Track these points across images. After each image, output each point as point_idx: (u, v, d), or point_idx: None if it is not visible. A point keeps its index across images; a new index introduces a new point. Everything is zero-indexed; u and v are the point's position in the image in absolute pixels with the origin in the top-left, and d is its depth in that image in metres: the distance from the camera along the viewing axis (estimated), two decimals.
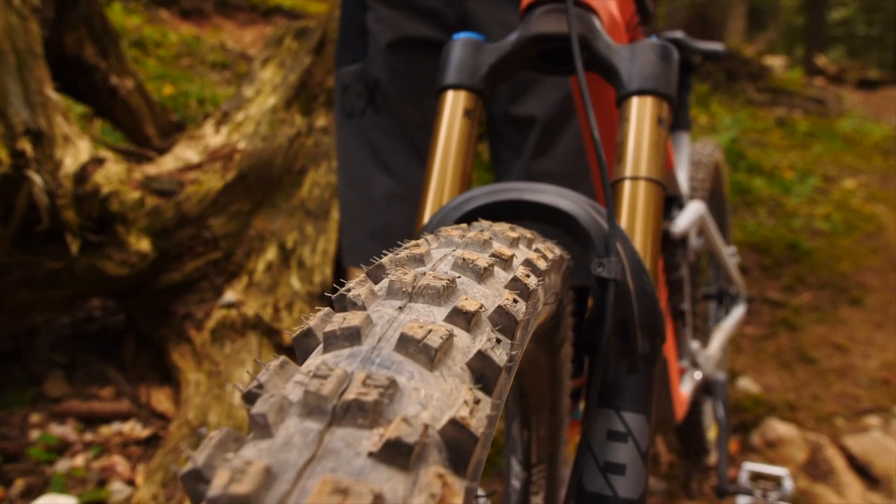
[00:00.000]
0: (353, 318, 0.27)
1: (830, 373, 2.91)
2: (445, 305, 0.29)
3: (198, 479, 0.22)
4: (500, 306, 0.29)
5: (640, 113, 0.60)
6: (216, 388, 1.50)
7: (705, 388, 1.58)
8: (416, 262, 0.33)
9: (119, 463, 1.41)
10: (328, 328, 0.27)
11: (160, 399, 1.73)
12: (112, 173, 1.72)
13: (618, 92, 0.62)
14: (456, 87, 0.65)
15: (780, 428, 2.09)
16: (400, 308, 0.29)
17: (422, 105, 1.16)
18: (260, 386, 0.24)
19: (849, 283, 3.71)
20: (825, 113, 7.62)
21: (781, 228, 4.18)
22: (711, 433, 1.86)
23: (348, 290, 0.31)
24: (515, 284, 0.31)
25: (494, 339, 0.27)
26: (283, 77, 2.36)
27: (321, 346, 0.27)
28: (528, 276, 0.33)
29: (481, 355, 0.26)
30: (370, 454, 0.21)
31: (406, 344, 0.26)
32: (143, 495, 1.21)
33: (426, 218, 0.63)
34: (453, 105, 0.65)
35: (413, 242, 0.38)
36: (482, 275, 0.32)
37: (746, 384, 2.55)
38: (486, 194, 0.54)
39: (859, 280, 3.73)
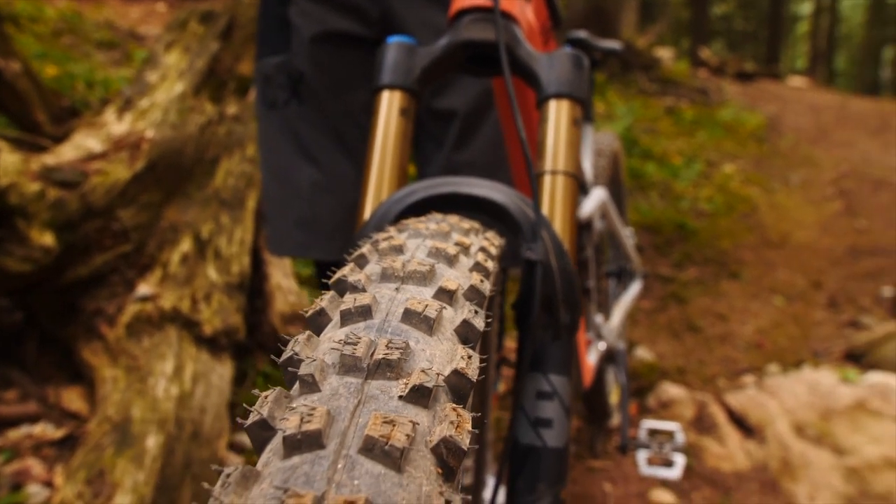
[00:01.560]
0: (363, 298, 0.33)
1: (713, 339, 3.22)
2: (431, 286, 0.36)
3: (264, 428, 0.27)
4: (472, 285, 0.36)
5: (558, 114, 0.68)
6: (137, 382, 1.47)
7: (608, 357, 1.73)
8: (397, 251, 0.39)
9: (34, 465, 1.36)
10: (343, 307, 0.33)
11: (72, 398, 1.67)
12: (8, 164, 1.62)
13: (538, 95, 0.70)
14: (391, 87, 0.70)
15: (671, 390, 2.31)
16: (396, 289, 0.35)
17: (346, 98, 1.20)
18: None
19: (728, 258, 4.08)
20: (708, 102, 8.22)
21: (671, 210, 4.53)
22: (613, 398, 2.03)
23: (346, 277, 0.37)
24: (478, 268, 0.38)
25: (473, 311, 0.34)
26: (189, 62, 2.29)
27: (337, 321, 0.33)
28: (486, 260, 0.39)
29: (466, 323, 0.33)
30: (400, 397, 0.27)
31: (410, 316, 0.32)
32: (67, 494, 1.18)
33: (367, 211, 0.68)
34: (389, 104, 0.70)
35: (386, 234, 0.44)
36: (452, 260, 0.38)
37: (642, 353, 2.78)
38: (426, 188, 0.60)
39: (737, 256, 4.12)
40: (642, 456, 1.49)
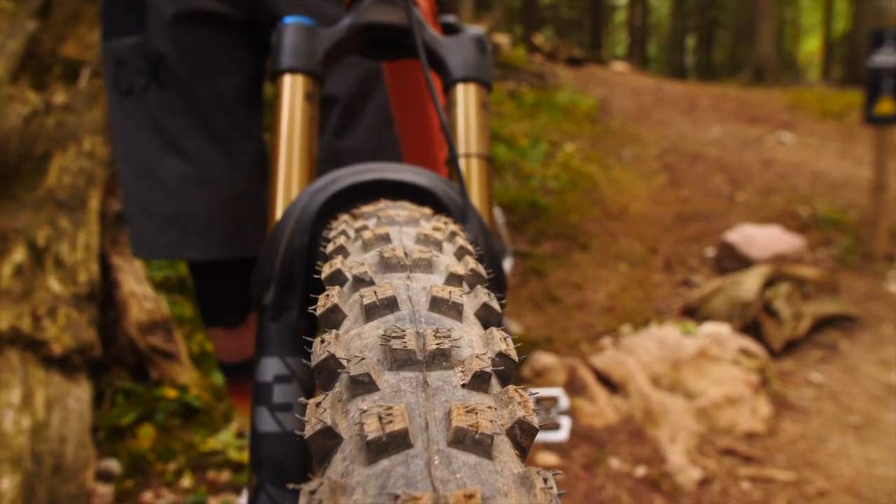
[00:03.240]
0: (385, 290, 0.31)
1: (572, 307, 3.46)
2: (437, 273, 0.34)
3: (328, 436, 0.24)
4: (472, 269, 0.35)
5: (466, 98, 0.69)
6: None
7: None
8: (384, 240, 0.37)
9: None
10: (366, 301, 0.30)
11: None
12: None
13: (444, 79, 0.70)
14: (293, 70, 0.66)
15: (543, 358, 2.45)
16: (408, 278, 0.33)
17: (215, 82, 1.11)
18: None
19: (577, 231, 4.40)
20: (545, 86, 8.72)
21: (523, 189, 4.77)
22: None
23: (343, 269, 0.34)
24: (465, 251, 0.37)
25: (486, 293, 0.33)
26: (0, 44, 1.99)
27: (357, 316, 0.31)
28: (464, 244, 0.39)
29: (486, 306, 0.32)
30: (463, 385, 0.26)
31: (438, 304, 0.31)
32: None
33: (279, 204, 0.64)
34: (292, 89, 0.66)
35: (358, 223, 0.41)
36: (441, 246, 0.37)
37: (512, 326, 2.92)
38: (350, 175, 0.58)
39: (584, 229, 4.45)
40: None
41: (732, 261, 3.63)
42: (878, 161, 3.88)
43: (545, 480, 0.23)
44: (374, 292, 0.30)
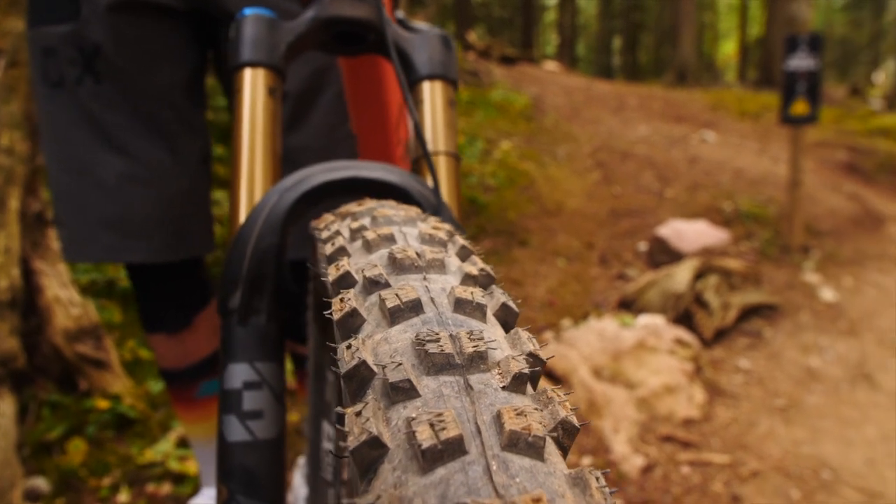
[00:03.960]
0: (407, 292, 0.30)
1: None
2: (452, 274, 0.33)
3: (374, 447, 0.24)
4: (481, 268, 0.34)
5: (433, 96, 0.68)
6: None
7: None
8: (388, 240, 0.36)
9: None
10: (390, 303, 0.29)
11: None
12: None
13: (410, 76, 0.69)
14: (254, 64, 0.64)
15: None
16: (424, 279, 0.32)
17: (157, 75, 1.06)
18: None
19: (516, 228, 4.46)
20: (480, 84, 8.79)
21: (463, 187, 4.80)
22: None
23: (353, 271, 0.33)
24: (467, 250, 0.37)
25: (503, 293, 0.32)
26: None
27: (379, 319, 0.29)
28: (464, 244, 0.38)
29: (505, 306, 0.31)
30: (504, 388, 0.26)
31: (462, 305, 0.30)
32: None
33: (242, 203, 0.61)
34: (254, 83, 0.64)
35: (356, 222, 0.40)
36: (445, 245, 0.36)
37: None
38: (322, 172, 0.56)
39: (523, 225, 4.52)
40: None
41: (664, 254, 3.78)
42: (793, 159, 4.12)
43: (597, 479, 0.23)
44: (397, 295, 0.29)
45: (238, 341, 0.56)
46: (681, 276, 3.10)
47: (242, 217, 0.61)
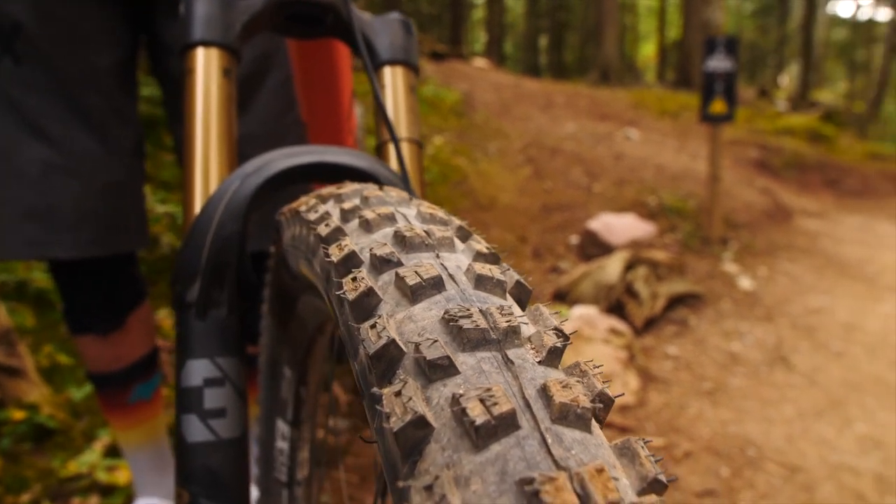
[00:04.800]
0: (427, 269, 0.28)
1: None
2: (463, 252, 0.32)
3: (420, 426, 0.22)
4: (487, 247, 0.33)
5: (395, 81, 0.66)
6: None
7: None
8: (390, 220, 0.34)
9: None
10: (411, 281, 0.28)
11: None
12: None
13: (371, 61, 0.67)
14: (207, 43, 0.60)
15: None
16: (437, 257, 0.31)
17: (85, 58, 0.99)
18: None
19: None
20: None
21: None
22: None
23: (361, 250, 0.31)
24: (464, 231, 0.35)
25: (515, 271, 0.32)
26: None
27: (398, 297, 0.28)
28: (460, 224, 0.37)
29: (519, 283, 0.31)
30: (539, 362, 0.25)
31: (483, 282, 0.29)
32: None
33: (197, 190, 0.58)
34: (207, 64, 0.60)
35: (349, 203, 0.38)
36: (446, 224, 0.35)
37: None
38: (286, 157, 0.54)
39: None
40: None
41: (595, 247, 3.90)
42: (712, 155, 4.34)
43: (644, 448, 0.23)
44: (416, 272, 0.28)
45: (197, 336, 0.53)
46: (612, 268, 3.20)
47: (198, 206, 0.57)
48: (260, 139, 1.05)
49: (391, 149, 0.65)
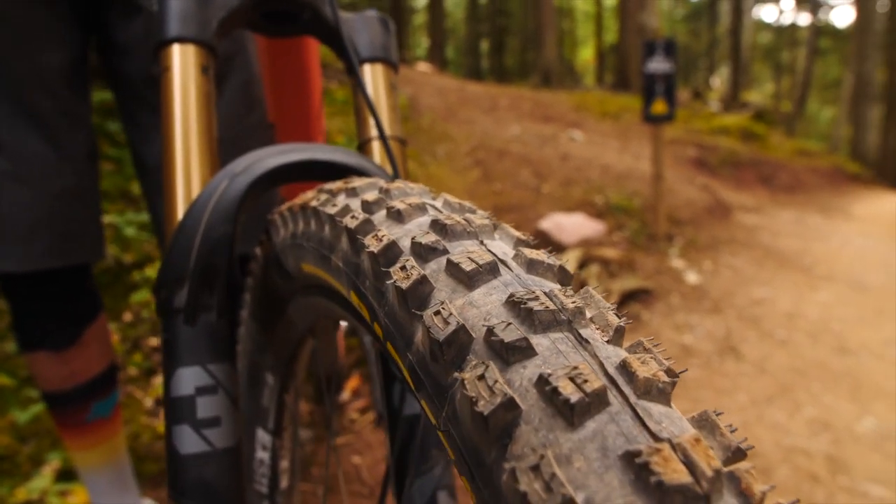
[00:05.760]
0: (482, 255, 0.28)
1: None
2: (503, 239, 0.32)
3: (509, 408, 0.22)
4: (521, 234, 0.33)
5: (375, 79, 0.66)
6: None
7: (351, 331, 1.75)
8: (421, 210, 0.33)
9: None
10: (468, 267, 0.27)
11: None
12: None
13: (351, 59, 0.66)
14: (184, 40, 0.58)
15: None
16: (482, 243, 0.30)
17: (33, 59, 0.94)
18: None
19: None
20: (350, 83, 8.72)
21: None
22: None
23: (399, 240, 0.31)
24: (488, 218, 0.35)
25: (555, 256, 0.31)
26: None
27: (459, 284, 0.27)
28: (481, 212, 0.37)
29: (562, 268, 0.31)
30: (607, 341, 0.26)
31: (535, 266, 0.30)
32: None
33: (179, 193, 0.56)
34: (184, 61, 0.58)
35: (373, 195, 0.37)
36: (475, 213, 0.35)
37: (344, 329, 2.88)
38: (275, 155, 0.52)
39: None
40: None
41: (547, 246, 3.96)
42: (655, 155, 4.48)
43: (719, 419, 0.23)
44: (470, 258, 0.28)
45: (186, 343, 0.51)
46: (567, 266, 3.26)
47: (181, 208, 0.55)
48: (224, 142, 1.02)
49: (374, 147, 0.64)
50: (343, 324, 1.58)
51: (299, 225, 0.43)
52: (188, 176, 0.56)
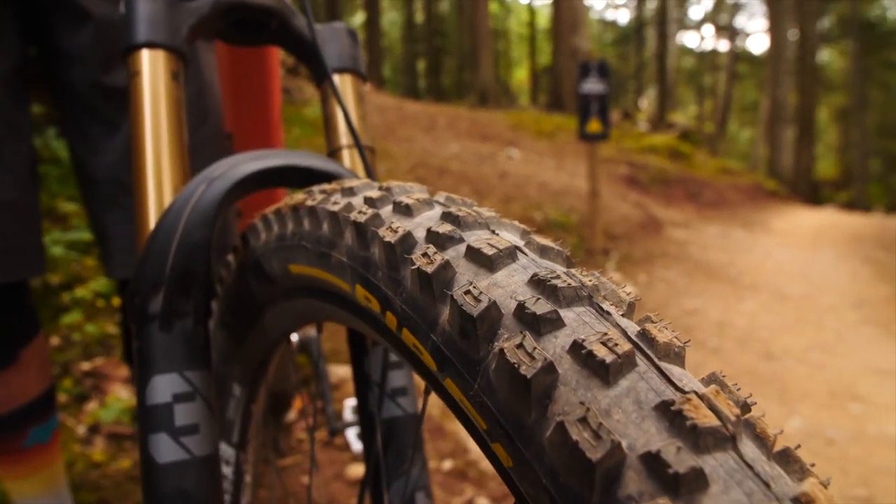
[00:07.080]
0: (500, 242, 0.30)
1: None
2: (510, 231, 0.34)
3: (549, 372, 0.24)
4: (522, 226, 0.35)
5: (344, 90, 0.67)
6: None
7: (301, 348, 1.72)
8: (428, 205, 0.35)
9: None
10: (489, 252, 0.29)
11: None
12: None
13: (320, 70, 0.67)
14: (153, 45, 0.57)
15: (338, 371, 2.42)
16: (494, 233, 0.32)
17: None
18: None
19: None
20: (293, 101, 8.62)
21: None
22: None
23: (413, 231, 0.32)
24: (492, 210, 0.37)
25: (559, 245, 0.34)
26: None
27: (481, 268, 0.29)
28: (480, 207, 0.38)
29: (567, 255, 0.32)
30: (622, 315, 0.28)
31: (547, 252, 0.32)
32: None
33: (151, 200, 0.55)
34: (153, 67, 0.57)
35: (378, 192, 0.38)
36: (471, 207, 0.36)
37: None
38: (253, 160, 0.52)
39: None
40: (352, 433, 1.53)
41: None
42: (590, 172, 4.64)
43: (725, 380, 0.26)
44: (489, 244, 0.30)
45: (162, 350, 0.50)
46: None
47: (152, 215, 0.54)
48: None
49: (344, 155, 0.65)
50: (294, 339, 1.55)
51: (289, 226, 0.43)
52: (159, 182, 0.55)
